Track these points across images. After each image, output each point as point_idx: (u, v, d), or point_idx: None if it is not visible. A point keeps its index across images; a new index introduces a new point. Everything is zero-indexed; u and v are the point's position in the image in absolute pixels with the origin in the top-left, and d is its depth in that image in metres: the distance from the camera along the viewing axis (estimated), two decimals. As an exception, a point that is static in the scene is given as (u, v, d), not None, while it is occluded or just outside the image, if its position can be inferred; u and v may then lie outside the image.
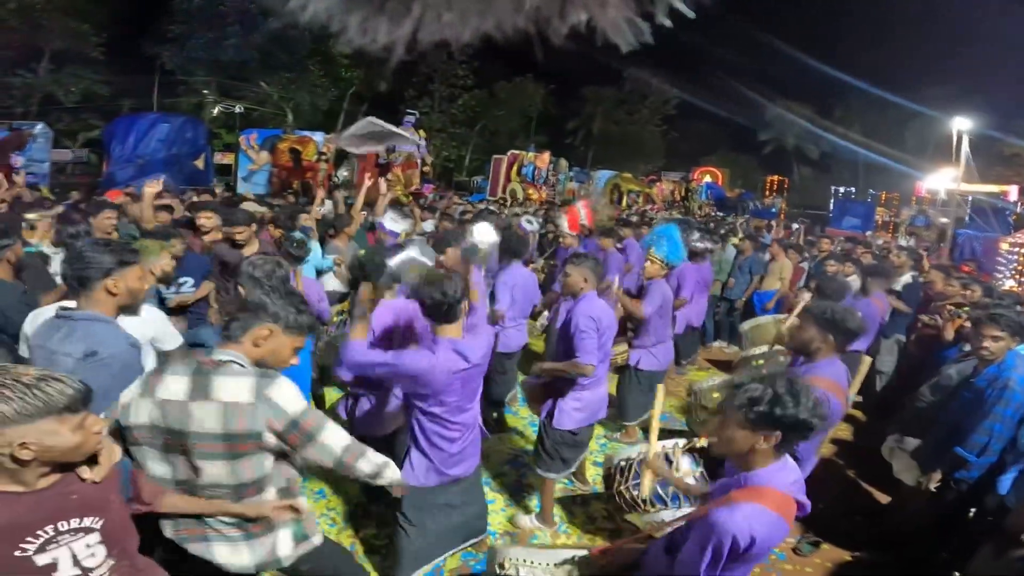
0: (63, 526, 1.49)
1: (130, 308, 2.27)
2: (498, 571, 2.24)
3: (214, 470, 1.85)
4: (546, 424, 3.53)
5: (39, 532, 1.46)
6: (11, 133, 15.31)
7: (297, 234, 5.14)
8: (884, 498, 4.29)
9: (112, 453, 1.65)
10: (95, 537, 1.57)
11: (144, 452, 1.88)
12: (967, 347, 3.76)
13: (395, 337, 3.18)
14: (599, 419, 3.73)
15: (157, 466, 1.89)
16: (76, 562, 1.53)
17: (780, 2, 44.86)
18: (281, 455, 1.97)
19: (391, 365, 2.41)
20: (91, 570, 1.56)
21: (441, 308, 2.47)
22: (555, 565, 2.22)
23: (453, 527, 2.79)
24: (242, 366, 1.90)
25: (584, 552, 2.22)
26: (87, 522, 1.55)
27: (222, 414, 1.80)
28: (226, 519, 1.93)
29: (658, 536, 2.17)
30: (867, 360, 2.92)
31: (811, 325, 2.76)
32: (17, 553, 1.43)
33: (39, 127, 16.00)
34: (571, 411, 3.48)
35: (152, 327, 2.53)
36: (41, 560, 1.47)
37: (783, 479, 1.69)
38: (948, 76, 32.75)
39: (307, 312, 2.06)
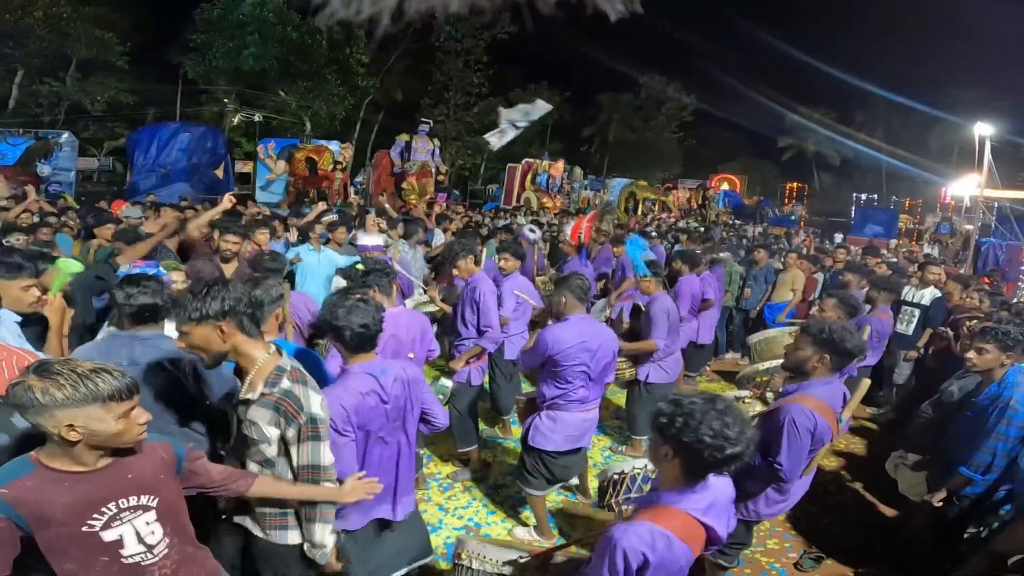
0: (124, 503, 1.64)
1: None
2: (456, 561, 2.31)
3: None
4: (523, 441, 3.48)
5: (103, 509, 1.60)
6: (37, 142, 15.70)
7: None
8: (892, 513, 4.21)
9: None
10: (152, 515, 1.70)
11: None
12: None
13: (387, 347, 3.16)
14: (582, 446, 3.60)
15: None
16: (140, 539, 1.67)
17: (801, 6, 44.49)
18: None
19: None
20: (153, 547, 1.70)
21: (361, 338, 2.31)
22: (501, 563, 2.26)
23: (389, 558, 2.58)
24: None
25: (527, 555, 2.24)
26: (144, 500, 1.68)
27: None
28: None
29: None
30: (866, 382, 2.86)
31: (808, 344, 2.68)
32: (84, 529, 1.57)
33: (65, 136, 16.37)
34: (547, 431, 3.37)
35: None
36: (107, 536, 1.61)
37: (694, 503, 1.69)
38: (973, 80, 32.33)
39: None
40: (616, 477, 3.01)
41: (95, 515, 1.59)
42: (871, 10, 44.14)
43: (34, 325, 2.80)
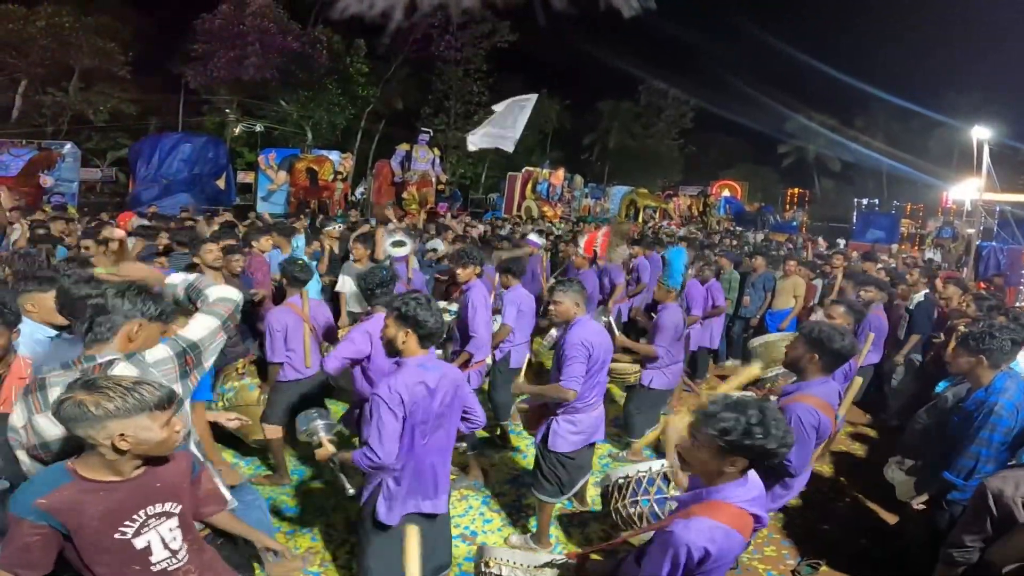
0: (151, 510, 1.74)
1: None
2: (483, 569, 2.28)
3: None
4: (541, 447, 3.52)
5: (134, 516, 1.71)
6: (40, 152, 15.79)
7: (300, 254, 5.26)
8: (891, 518, 4.19)
9: None
10: (175, 521, 1.80)
11: None
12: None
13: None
14: (597, 440, 3.69)
15: None
16: (165, 545, 1.77)
17: (799, 11, 44.69)
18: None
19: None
20: (176, 552, 1.80)
21: (429, 333, 2.53)
22: (535, 567, 2.26)
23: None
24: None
25: (562, 557, 2.26)
26: (167, 507, 1.78)
27: None
28: None
29: (636, 545, 2.20)
30: (857, 380, 2.92)
31: (800, 343, 2.83)
32: (117, 536, 1.68)
33: (68, 147, 16.45)
34: (566, 434, 3.45)
35: None
36: (138, 543, 1.71)
37: (741, 495, 1.77)
38: (971, 84, 32.48)
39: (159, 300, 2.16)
40: (621, 482, 3.02)
41: (127, 522, 1.69)
42: (869, 15, 44.31)
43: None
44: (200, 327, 2.08)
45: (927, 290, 6.32)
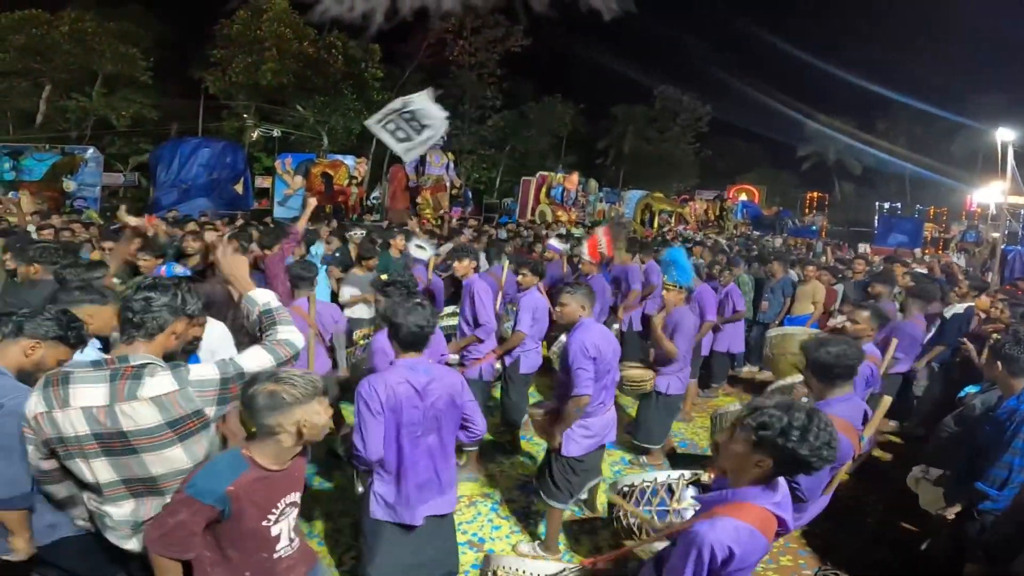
0: (287, 499, 1.84)
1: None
2: None
3: (170, 455, 1.84)
4: (554, 452, 3.48)
5: (278, 504, 1.81)
6: (64, 157, 16.04)
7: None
8: (914, 528, 4.05)
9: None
10: (296, 510, 1.91)
11: (77, 461, 1.85)
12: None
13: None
14: (608, 442, 3.66)
15: (103, 472, 1.85)
16: (288, 534, 1.88)
17: (818, 14, 44.24)
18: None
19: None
20: (292, 541, 1.91)
21: (414, 336, 2.54)
22: None
23: (415, 565, 2.64)
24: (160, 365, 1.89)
25: (575, 565, 2.21)
26: (294, 496, 1.89)
27: (157, 407, 1.80)
28: None
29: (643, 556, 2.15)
30: (887, 399, 2.81)
31: (804, 366, 2.80)
32: (264, 523, 1.78)
33: (90, 151, 16.69)
34: (579, 438, 3.43)
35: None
36: (273, 531, 1.81)
37: (766, 498, 1.72)
38: (995, 85, 31.79)
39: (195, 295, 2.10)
40: (626, 490, 2.99)
41: (272, 510, 1.79)
42: (890, 17, 43.74)
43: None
44: (256, 361, 1.97)
45: (971, 303, 6.10)
